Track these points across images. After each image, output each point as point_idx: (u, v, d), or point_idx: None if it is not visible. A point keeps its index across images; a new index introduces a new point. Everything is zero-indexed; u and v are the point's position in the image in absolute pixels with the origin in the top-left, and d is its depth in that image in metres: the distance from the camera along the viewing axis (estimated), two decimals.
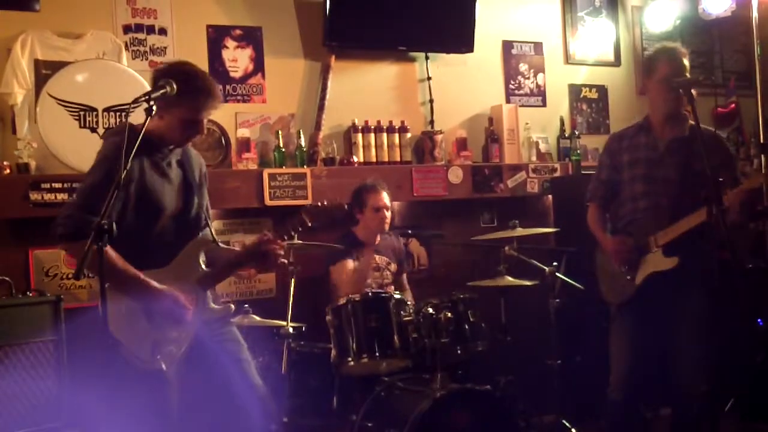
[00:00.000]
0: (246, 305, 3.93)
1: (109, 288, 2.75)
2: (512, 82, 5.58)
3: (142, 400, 2.74)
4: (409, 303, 3.78)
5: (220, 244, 3.14)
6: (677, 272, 3.37)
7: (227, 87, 4.69)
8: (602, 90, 5.91)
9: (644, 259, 3.48)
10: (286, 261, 3.08)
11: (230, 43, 4.72)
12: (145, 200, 2.86)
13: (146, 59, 4.48)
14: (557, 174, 5.36)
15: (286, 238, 3.05)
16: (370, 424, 3.63)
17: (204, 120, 2.94)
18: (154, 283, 2.81)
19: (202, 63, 4.60)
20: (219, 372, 2.94)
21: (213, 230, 3.14)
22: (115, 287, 2.77)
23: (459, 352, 3.74)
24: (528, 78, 5.64)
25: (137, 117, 2.90)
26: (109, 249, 2.68)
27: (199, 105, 2.87)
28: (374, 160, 4.94)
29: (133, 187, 2.82)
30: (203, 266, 2.98)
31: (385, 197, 4.38)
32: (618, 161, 3.65)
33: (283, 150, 4.66)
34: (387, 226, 4.42)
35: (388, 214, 4.38)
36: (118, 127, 2.92)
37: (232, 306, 3.05)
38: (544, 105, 5.69)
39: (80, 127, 4.09)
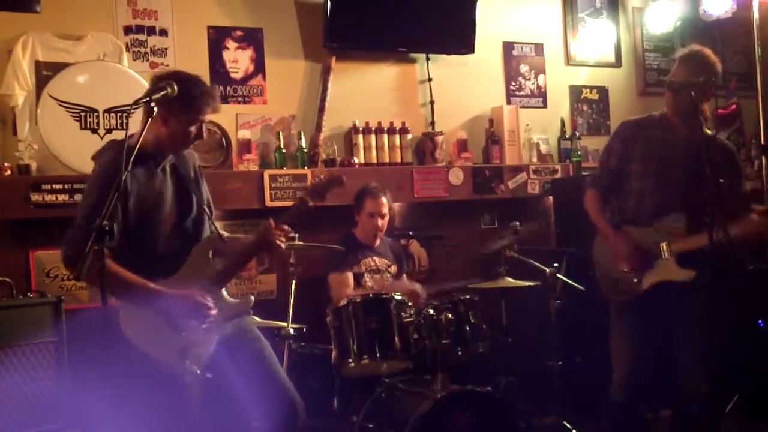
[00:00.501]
0: None
1: (126, 304, 2.77)
2: (513, 84, 5.58)
3: (161, 404, 2.75)
4: (410, 304, 3.77)
5: (224, 236, 3.15)
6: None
7: (228, 88, 4.69)
8: (603, 91, 5.91)
9: (654, 265, 3.40)
10: (287, 240, 3.08)
11: (231, 44, 4.73)
12: (145, 213, 2.86)
13: (147, 60, 4.48)
14: (558, 175, 5.36)
15: (289, 222, 3.04)
16: (370, 425, 3.63)
17: (205, 123, 2.95)
18: (167, 289, 2.81)
19: (203, 64, 4.61)
20: (243, 372, 2.93)
21: (216, 224, 3.15)
22: (128, 300, 2.78)
23: (460, 353, 3.74)
24: (529, 79, 5.64)
25: (137, 118, 2.90)
26: (112, 263, 2.70)
27: (202, 107, 2.87)
28: (375, 161, 4.94)
29: (132, 201, 2.82)
30: (214, 264, 2.99)
31: (384, 203, 4.37)
32: (630, 151, 3.53)
33: (284, 151, 4.66)
34: (381, 232, 4.42)
35: (381, 221, 4.37)
36: (108, 145, 2.91)
37: (252, 297, 3.05)
38: (544, 106, 5.69)
39: (81, 128, 4.09)
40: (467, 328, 3.77)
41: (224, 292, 2.99)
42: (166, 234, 2.92)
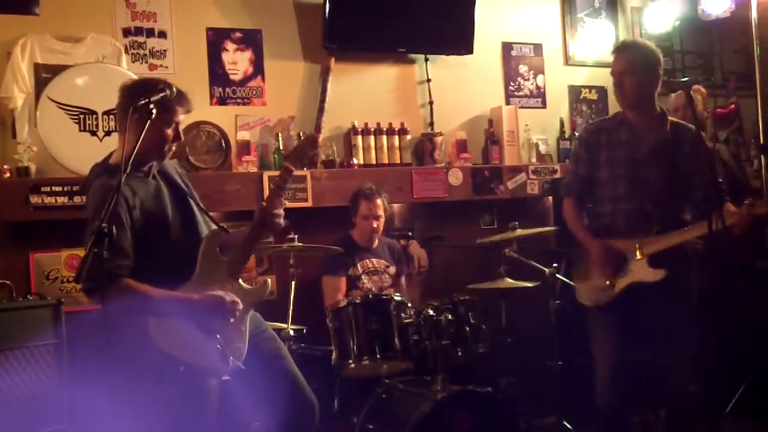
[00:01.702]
0: None
1: (156, 319, 2.76)
2: (512, 84, 5.58)
3: (175, 405, 2.75)
4: (409, 305, 3.77)
5: (228, 229, 3.17)
6: (661, 281, 3.30)
7: (227, 90, 4.70)
8: (602, 91, 5.90)
9: (626, 267, 3.37)
10: (287, 222, 3.10)
11: (230, 46, 4.73)
12: (153, 221, 2.86)
13: (146, 62, 4.48)
14: (557, 175, 5.34)
15: (280, 194, 3.07)
16: (371, 427, 3.63)
17: (180, 124, 2.94)
18: (193, 295, 2.82)
19: (202, 66, 4.62)
20: (258, 371, 2.93)
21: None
22: (157, 314, 2.77)
23: (460, 354, 3.74)
24: (528, 79, 5.64)
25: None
26: (132, 282, 2.71)
27: (176, 107, 2.87)
28: (374, 162, 4.94)
29: (137, 213, 2.81)
30: (224, 256, 2.99)
31: (378, 205, 4.37)
32: (596, 157, 3.49)
33: (283, 152, 4.66)
34: (377, 234, 4.42)
35: (376, 223, 4.38)
36: (95, 171, 2.89)
37: (269, 280, 3.07)
38: (543, 106, 5.69)
39: (80, 130, 4.09)
40: (467, 329, 3.78)
41: (240, 280, 3.00)
42: (175, 238, 2.92)
